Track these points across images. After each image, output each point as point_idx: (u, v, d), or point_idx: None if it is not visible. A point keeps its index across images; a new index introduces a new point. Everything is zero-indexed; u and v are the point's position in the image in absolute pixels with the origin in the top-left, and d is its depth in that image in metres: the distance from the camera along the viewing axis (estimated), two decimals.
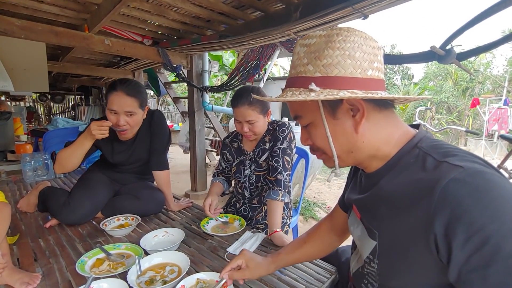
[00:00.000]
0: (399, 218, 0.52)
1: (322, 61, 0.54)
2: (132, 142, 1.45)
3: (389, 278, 0.57)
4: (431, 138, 0.57)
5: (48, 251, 1.10)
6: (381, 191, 0.58)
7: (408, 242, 0.50)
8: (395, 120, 0.59)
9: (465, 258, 0.41)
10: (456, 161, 0.46)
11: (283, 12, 2.04)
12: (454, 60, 1.21)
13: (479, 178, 0.43)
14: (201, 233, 1.26)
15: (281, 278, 0.93)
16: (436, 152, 0.51)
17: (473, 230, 0.40)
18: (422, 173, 0.50)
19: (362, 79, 0.53)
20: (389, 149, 0.58)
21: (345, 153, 0.60)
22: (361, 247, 0.66)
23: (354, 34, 0.54)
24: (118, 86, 1.26)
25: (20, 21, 2.11)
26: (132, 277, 0.84)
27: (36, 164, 2.15)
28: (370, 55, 0.54)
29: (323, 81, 0.53)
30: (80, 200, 1.29)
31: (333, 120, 0.57)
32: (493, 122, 7.53)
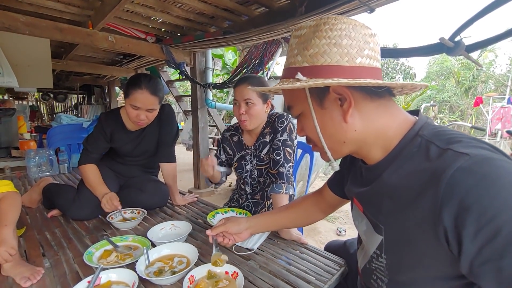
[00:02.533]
0: (406, 212, 0.50)
1: (309, 51, 0.53)
2: (140, 133, 1.46)
3: (398, 273, 0.56)
4: (432, 124, 0.55)
5: (55, 243, 1.10)
6: (384, 184, 0.56)
7: (416, 235, 0.49)
8: (392, 109, 0.57)
9: (477, 250, 0.39)
10: (461, 148, 0.44)
11: (287, 7, 2.03)
12: (463, 52, 1.20)
13: (487, 166, 0.41)
14: (208, 227, 1.25)
15: (290, 269, 0.92)
16: (439, 139, 0.49)
17: (484, 220, 0.38)
18: (426, 163, 0.48)
19: (349, 67, 0.51)
20: (389, 138, 0.56)
21: (337, 144, 0.58)
22: (367, 242, 0.65)
23: (342, 22, 0.52)
24: (143, 84, 1.25)
25: (25, 17, 2.11)
26: (141, 267, 0.83)
27: (41, 160, 2.15)
28: (360, 42, 0.52)
29: (310, 70, 0.52)
30: (88, 196, 1.30)
31: (321, 110, 0.56)
32: (496, 121, 7.49)
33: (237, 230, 0.90)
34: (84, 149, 1.41)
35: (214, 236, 0.90)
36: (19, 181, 2.02)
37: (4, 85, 2.30)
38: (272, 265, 0.95)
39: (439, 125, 0.55)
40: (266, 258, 0.99)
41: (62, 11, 2.38)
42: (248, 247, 1.05)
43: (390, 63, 14.16)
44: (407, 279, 0.55)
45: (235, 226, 0.90)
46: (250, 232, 0.93)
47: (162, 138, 1.47)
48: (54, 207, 1.35)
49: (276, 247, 1.08)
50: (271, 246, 1.09)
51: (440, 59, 12.13)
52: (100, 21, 2.32)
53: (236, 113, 1.32)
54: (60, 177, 2.14)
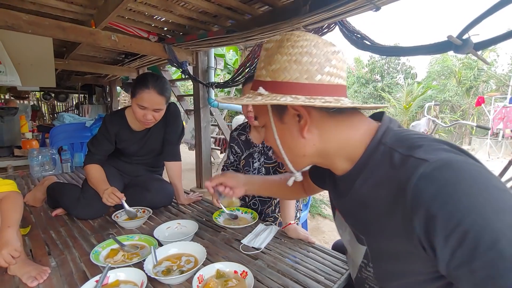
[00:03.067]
0: (381, 222, 0.51)
1: (272, 66, 0.54)
2: (146, 133, 1.45)
3: (387, 281, 0.56)
4: (394, 129, 0.54)
5: (60, 242, 1.09)
6: (357, 195, 0.57)
7: (395, 244, 0.49)
8: (353, 121, 0.57)
9: (450, 255, 0.40)
10: (422, 154, 0.45)
11: (292, 6, 2.02)
12: (471, 50, 1.19)
13: (446, 170, 0.41)
14: (213, 226, 1.24)
15: (299, 269, 0.91)
16: (401, 146, 0.49)
17: (451, 227, 0.39)
18: (392, 171, 0.48)
19: (308, 85, 0.52)
20: (352, 150, 0.56)
21: (297, 157, 0.59)
22: (352, 252, 0.65)
23: (304, 39, 0.53)
24: (150, 84, 1.24)
25: (28, 16, 2.10)
26: (149, 266, 0.82)
27: (43, 159, 2.15)
28: (321, 59, 0.52)
29: (272, 85, 0.53)
30: (93, 195, 1.29)
31: (280, 124, 0.57)
32: (498, 120, 7.47)
33: (235, 184, 0.90)
34: (89, 151, 1.40)
35: (214, 186, 0.90)
36: (22, 180, 2.01)
37: (7, 84, 2.29)
38: (280, 264, 0.94)
39: (400, 129, 0.55)
40: (274, 257, 0.98)
41: (64, 10, 2.37)
42: (255, 246, 1.05)
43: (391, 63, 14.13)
44: (396, 286, 0.55)
45: (233, 179, 0.90)
46: (245, 190, 0.92)
47: (167, 137, 1.46)
48: (59, 206, 1.34)
49: (283, 246, 1.07)
50: (278, 245, 1.08)
51: (441, 59, 12.09)
52: (103, 20, 2.30)
53: (244, 111, 1.34)
54: (63, 176, 2.13)
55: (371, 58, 14.49)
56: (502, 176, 2.43)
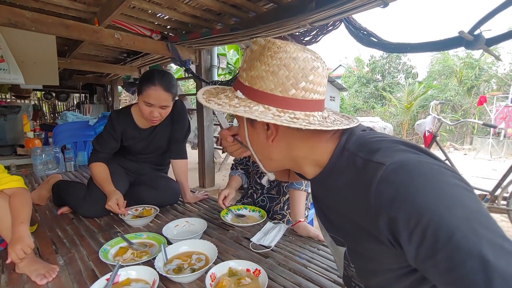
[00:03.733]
0: (352, 225, 0.53)
1: (251, 72, 0.54)
2: (152, 130, 1.43)
3: (369, 278, 0.58)
4: (356, 133, 0.56)
5: (67, 240, 1.08)
6: (327, 199, 0.59)
7: (369, 244, 0.51)
8: (319, 132, 0.57)
9: (415, 251, 0.42)
10: (380, 158, 0.46)
11: (297, 3, 2.00)
12: (483, 45, 1.17)
13: (400, 173, 0.44)
14: (221, 224, 1.23)
15: (310, 267, 0.90)
16: (361, 150, 0.51)
17: (411, 226, 0.41)
18: (355, 176, 0.50)
19: (281, 98, 0.52)
20: (317, 156, 0.58)
21: (265, 159, 0.62)
22: (334, 253, 0.67)
23: (284, 51, 0.53)
24: (156, 81, 1.22)
25: (31, 14, 2.09)
26: (160, 264, 0.81)
27: (47, 158, 2.14)
28: (298, 74, 0.52)
29: (248, 91, 0.55)
30: (99, 193, 1.27)
31: (251, 127, 0.59)
32: (500, 120, 7.46)
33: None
34: (93, 149, 1.38)
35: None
36: (25, 179, 2.00)
37: (10, 81, 2.27)
38: (291, 262, 0.93)
39: (363, 133, 0.56)
40: (285, 256, 0.97)
41: (68, 8, 2.36)
42: (265, 244, 1.03)
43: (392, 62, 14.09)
44: (378, 282, 0.56)
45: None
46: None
47: (174, 134, 1.45)
48: (64, 204, 1.33)
49: (294, 244, 1.06)
50: (288, 243, 1.07)
51: (442, 58, 12.06)
52: (106, 18, 2.29)
53: None
54: (66, 175, 2.11)
55: (371, 58, 14.47)
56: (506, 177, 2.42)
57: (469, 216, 0.39)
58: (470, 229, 0.38)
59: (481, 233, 0.38)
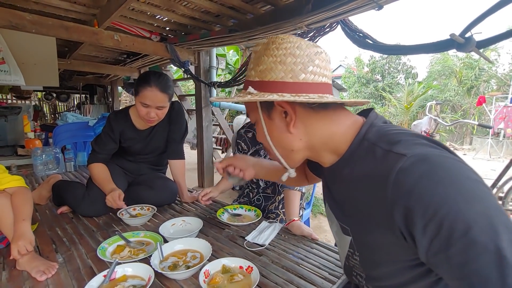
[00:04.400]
0: (364, 213, 0.54)
1: (260, 67, 0.57)
2: (150, 131, 1.46)
3: (372, 268, 0.59)
4: (378, 124, 0.57)
5: (67, 239, 1.10)
6: (343, 187, 0.60)
7: (378, 234, 0.52)
8: (338, 117, 0.60)
9: (428, 243, 0.42)
10: (401, 149, 0.47)
11: (294, 5, 2.03)
12: (473, 48, 1.19)
13: (422, 164, 0.44)
14: (217, 223, 1.25)
15: (303, 265, 0.92)
16: (382, 141, 0.52)
17: (428, 217, 0.41)
18: (374, 165, 0.51)
19: (293, 83, 0.55)
20: (336, 144, 0.59)
21: (286, 152, 0.62)
22: (339, 242, 0.68)
23: (288, 41, 0.56)
24: (152, 82, 1.25)
25: (31, 16, 2.11)
26: (156, 261, 0.83)
27: (47, 158, 2.16)
28: (304, 60, 0.55)
29: (260, 85, 0.57)
30: (98, 192, 1.30)
31: (269, 120, 0.61)
32: (499, 120, 7.46)
33: (244, 166, 0.92)
34: (93, 150, 1.41)
35: (224, 167, 0.93)
36: (26, 179, 2.02)
37: (11, 83, 2.30)
38: (284, 260, 0.95)
39: (384, 125, 0.57)
40: (278, 254, 0.99)
41: (68, 10, 2.38)
42: (260, 242, 1.06)
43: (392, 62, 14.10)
44: (381, 273, 0.57)
45: (242, 161, 0.93)
46: (254, 172, 0.94)
47: (171, 135, 1.47)
48: (64, 203, 1.35)
49: (287, 243, 1.08)
50: (282, 241, 1.09)
51: (442, 58, 12.07)
52: (106, 20, 2.31)
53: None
54: (66, 175, 2.14)
55: (371, 58, 14.47)
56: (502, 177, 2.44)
57: (487, 212, 0.39)
58: (488, 224, 0.38)
59: (499, 229, 0.38)
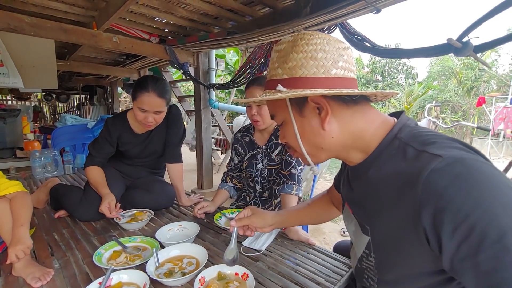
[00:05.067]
0: (388, 212, 0.53)
1: (288, 64, 0.57)
2: (148, 135, 1.46)
3: (386, 271, 0.58)
4: (411, 125, 0.57)
5: (63, 244, 1.10)
6: (368, 185, 0.59)
7: (400, 235, 0.51)
8: (369, 114, 0.60)
9: (455, 247, 0.41)
10: (435, 150, 0.46)
11: (292, 8, 2.03)
12: (471, 52, 1.19)
13: (458, 166, 0.43)
14: (215, 227, 1.25)
15: (299, 271, 0.92)
16: (415, 141, 0.51)
17: (459, 219, 0.40)
18: (404, 165, 0.50)
19: (325, 78, 0.55)
20: (366, 142, 0.58)
21: (316, 150, 0.61)
22: (355, 242, 0.67)
23: (317, 37, 0.56)
24: (150, 87, 1.25)
25: (30, 18, 2.12)
26: (151, 268, 0.83)
27: (46, 161, 2.16)
28: (334, 55, 0.56)
29: (289, 82, 0.56)
30: (95, 197, 1.30)
31: (300, 118, 0.59)
32: (499, 121, 7.45)
33: (262, 225, 0.89)
34: (89, 154, 1.42)
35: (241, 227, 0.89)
36: (24, 182, 2.03)
37: (10, 85, 2.30)
38: (280, 266, 0.95)
39: (417, 127, 0.57)
40: (275, 259, 0.99)
41: (66, 12, 2.39)
42: (256, 248, 1.05)
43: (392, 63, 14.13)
44: (395, 277, 0.57)
45: (260, 221, 0.89)
46: (272, 228, 0.93)
47: (169, 138, 1.47)
48: (61, 207, 1.35)
49: (284, 248, 1.08)
50: (279, 247, 1.09)
51: (442, 59, 12.08)
52: (105, 22, 2.32)
53: (249, 114, 1.35)
54: (65, 177, 2.14)
55: (371, 58, 14.48)
56: None
57: None
58: None
59: None
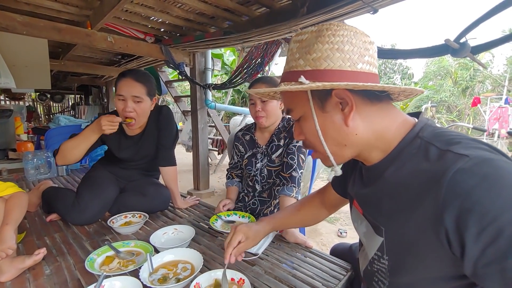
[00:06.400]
0: (406, 212, 0.51)
1: (312, 55, 0.54)
2: (140, 138, 1.43)
3: (400, 274, 0.56)
4: (433, 125, 0.55)
5: (55, 249, 1.07)
6: (385, 185, 0.57)
7: (418, 236, 0.49)
8: (391, 112, 0.58)
9: (480, 251, 0.39)
10: (461, 150, 0.44)
11: (289, 8, 2.01)
12: (468, 53, 1.19)
13: (487, 166, 0.41)
14: (210, 231, 1.23)
15: (296, 275, 0.90)
16: (438, 140, 0.49)
17: (486, 221, 0.38)
18: (426, 164, 0.48)
19: (351, 72, 0.53)
20: (388, 140, 0.57)
21: (339, 148, 0.58)
22: (367, 244, 0.65)
23: (344, 28, 0.54)
24: (127, 73, 1.29)
25: (22, 17, 2.08)
26: (145, 274, 0.81)
27: (38, 162, 2.12)
28: (361, 48, 0.54)
29: (312, 74, 0.53)
30: (88, 200, 1.27)
31: (322, 113, 0.57)
32: (493, 121, 7.52)
33: (254, 244, 0.88)
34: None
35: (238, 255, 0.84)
36: (16, 184, 1.98)
37: (1, 86, 2.26)
38: (277, 270, 0.93)
39: (439, 127, 0.55)
40: (271, 263, 0.98)
41: (60, 11, 2.35)
42: (253, 252, 1.04)
43: (388, 63, 14.20)
44: (409, 280, 0.55)
45: (257, 239, 0.88)
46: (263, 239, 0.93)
47: (161, 141, 1.44)
48: (53, 211, 1.32)
49: (281, 252, 1.06)
50: (276, 250, 1.07)
51: (438, 59, 12.17)
52: (99, 21, 2.28)
53: (252, 112, 1.36)
54: (58, 179, 2.10)
55: None
56: None
57: None
58: None
59: None
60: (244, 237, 0.83)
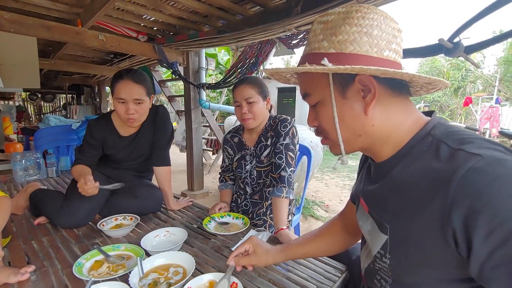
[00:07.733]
0: (413, 210, 0.50)
1: (338, 37, 0.52)
2: (134, 137, 1.41)
3: (403, 274, 0.55)
4: (445, 124, 0.54)
5: (42, 253, 1.04)
6: (392, 182, 0.56)
7: (424, 235, 0.48)
8: (408, 107, 0.57)
9: (488, 253, 0.38)
10: (473, 149, 0.43)
11: (283, 7, 2.00)
12: (462, 53, 1.19)
13: (500, 167, 0.40)
14: (204, 233, 1.21)
15: (290, 277, 0.89)
16: (450, 139, 0.48)
17: (496, 223, 0.37)
18: (436, 162, 0.47)
19: (377, 59, 0.50)
20: (401, 136, 0.55)
21: (353, 137, 0.57)
22: (371, 241, 0.64)
23: (374, 12, 0.52)
24: (124, 75, 1.25)
25: (10, 14, 2.02)
26: (134, 279, 0.79)
27: (27, 163, 2.07)
28: (389, 35, 0.52)
29: (336, 57, 0.51)
30: (77, 202, 1.23)
31: (342, 99, 0.54)
32: (485, 120, 7.66)
33: (265, 264, 0.84)
34: (76, 158, 1.38)
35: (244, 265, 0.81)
36: (4, 186, 1.93)
37: None
38: (271, 273, 0.91)
39: (452, 126, 0.54)
40: (265, 266, 0.96)
41: (49, 9, 2.29)
42: None
43: None
44: (412, 280, 0.54)
45: (263, 259, 0.81)
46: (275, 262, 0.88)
47: (156, 141, 1.42)
48: (42, 214, 1.29)
49: None
50: None
51: (431, 60, 12.35)
52: (90, 19, 2.24)
53: (238, 114, 1.33)
54: (48, 181, 2.05)
55: None
56: None
57: None
58: None
59: None
60: (252, 249, 0.80)
